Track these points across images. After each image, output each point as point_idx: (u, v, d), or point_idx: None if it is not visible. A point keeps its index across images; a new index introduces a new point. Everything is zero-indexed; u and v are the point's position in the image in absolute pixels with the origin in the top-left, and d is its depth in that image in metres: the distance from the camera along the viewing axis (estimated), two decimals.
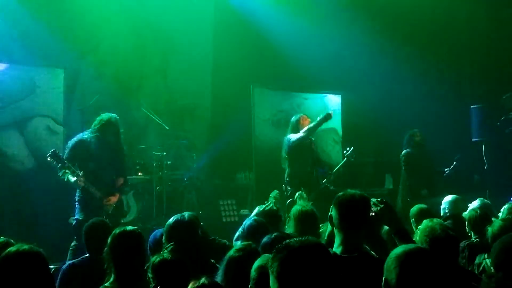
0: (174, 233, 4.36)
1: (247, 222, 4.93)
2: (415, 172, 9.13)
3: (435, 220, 4.74)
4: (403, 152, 9.32)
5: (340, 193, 3.59)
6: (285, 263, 2.31)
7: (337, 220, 3.40)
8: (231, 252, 3.58)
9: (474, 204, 6.06)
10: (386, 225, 4.09)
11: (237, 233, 5.06)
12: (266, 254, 3.12)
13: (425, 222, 4.42)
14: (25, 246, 3.11)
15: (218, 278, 3.44)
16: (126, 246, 3.84)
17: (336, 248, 3.36)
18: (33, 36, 10.12)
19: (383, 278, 2.67)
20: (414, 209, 5.85)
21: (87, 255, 4.94)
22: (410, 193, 9.09)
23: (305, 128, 8.58)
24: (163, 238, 4.36)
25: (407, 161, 9.22)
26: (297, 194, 7.14)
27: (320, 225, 5.14)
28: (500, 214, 5.78)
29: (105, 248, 3.95)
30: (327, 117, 8.72)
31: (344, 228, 3.37)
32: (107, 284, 3.80)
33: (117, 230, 4.00)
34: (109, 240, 3.96)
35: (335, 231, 3.45)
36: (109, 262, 3.85)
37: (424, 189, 8.92)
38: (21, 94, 7.90)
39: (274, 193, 6.70)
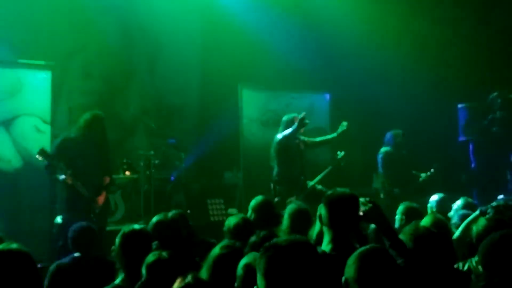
0: (157, 232, 4.36)
1: (232, 221, 4.89)
2: (390, 171, 9.13)
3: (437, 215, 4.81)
4: (382, 150, 9.32)
5: (330, 192, 3.61)
6: (272, 261, 2.31)
7: (327, 218, 3.42)
8: (216, 250, 3.56)
9: (458, 203, 6.07)
10: (374, 224, 4.10)
11: None
12: (253, 252, 3.13)
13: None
14: (14, 245, 3.07)
15: (203, 275, 3.43)
16: (135, 245, 3.83)
17: (325, 246, 3.37)
18: (19, 35, 10.06)
19: (343, 278, 2.71)
20: (403, 207, 5.80)
21: (75, 255, 4.92)
22: (383, 191, 9.12)
23: (288, 131, 8.39)
24: None
25: (384, 159, 9.22)
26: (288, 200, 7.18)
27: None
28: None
29: (113, 247, 3.95)
30: (301, 122, 8.22)
31: (334, 226, 3.38)
32: (117, 282, 3.79)
33: (126, 229, 3.98)
34: (117, 239, 3.95)
35: (324, 229, 3.46)
36: (119, 261, 3.84)
37: (397, 188, 8.92)
38: (8, 93, 7.83)
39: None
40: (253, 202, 5.50)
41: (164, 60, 12.05)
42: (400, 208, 5.76)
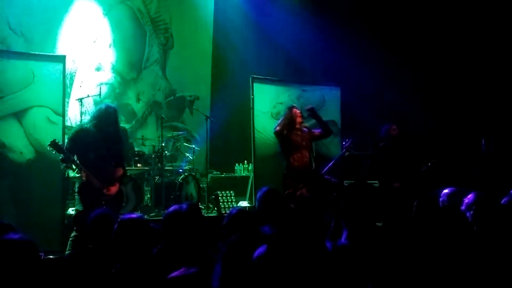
0: (172, 223, 4.35)
1: (232, 211, 4.86)
2: (389, 165, 9.10)
3: None
4: (380, 145, 9.32)
5: (348, 184, 3.63)
6: None
7: (346, 211, 3.41)
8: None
9: (469, 197, 6.04)
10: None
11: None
12: None
13: None
14: (16, 236, 3.06)
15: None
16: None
17: (345, 239, 3.36)
18: (32, 26, 10.10)
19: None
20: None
21: (90, 246, 4.91)
22: (382, 185, 9.09)
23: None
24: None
25: (381, 154, 9.21)
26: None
27: None
28: None
29: None
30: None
31: (353, 218, 3.37)
32: None
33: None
34: None
35: (344, 221, 3.44)
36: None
37: (396, 182, 8.90)
38: (20, 84, 7.86)
39: None
40: (258, 194, 5.39)
41: (176, 53, 12.07)
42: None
